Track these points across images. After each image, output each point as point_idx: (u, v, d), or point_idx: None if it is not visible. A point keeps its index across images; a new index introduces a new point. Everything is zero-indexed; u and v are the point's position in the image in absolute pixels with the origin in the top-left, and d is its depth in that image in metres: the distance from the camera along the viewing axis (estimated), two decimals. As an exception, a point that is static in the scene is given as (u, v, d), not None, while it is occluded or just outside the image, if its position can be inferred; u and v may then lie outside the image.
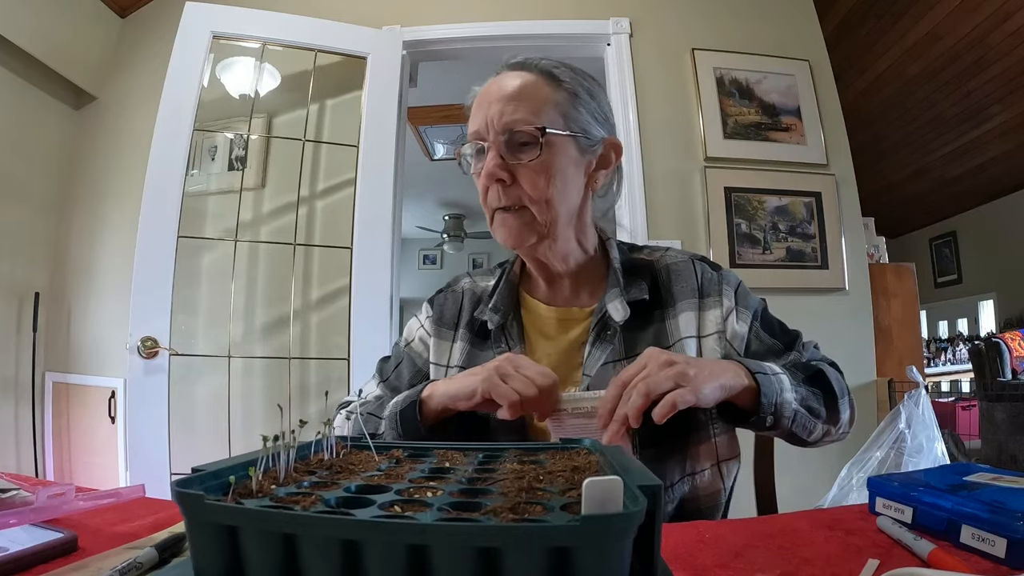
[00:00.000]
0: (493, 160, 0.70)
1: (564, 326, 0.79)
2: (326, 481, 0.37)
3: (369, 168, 1.93)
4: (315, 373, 1.95)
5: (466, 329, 0.82)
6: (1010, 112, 3.44)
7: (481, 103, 0.73)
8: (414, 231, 5.80)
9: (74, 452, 2.01)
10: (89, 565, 0.42)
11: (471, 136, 0.73)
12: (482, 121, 0.71)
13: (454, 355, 0.81)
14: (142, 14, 2.25)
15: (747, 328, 0.77)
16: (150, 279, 1.75)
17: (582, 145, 0.74)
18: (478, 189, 0.75)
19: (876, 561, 0.41)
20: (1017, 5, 2.48)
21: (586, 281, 0.81)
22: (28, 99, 2.02)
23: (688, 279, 0.78)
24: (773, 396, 0.64)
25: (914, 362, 1.99)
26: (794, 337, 0.80)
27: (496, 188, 0.71)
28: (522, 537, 0.25)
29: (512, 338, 0.78)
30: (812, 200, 2.04)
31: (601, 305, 0.76)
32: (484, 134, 0.71)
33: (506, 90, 0.71)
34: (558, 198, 0.72)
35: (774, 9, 2.21)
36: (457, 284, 0.89)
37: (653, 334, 0.75)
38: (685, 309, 0.76)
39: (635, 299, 0.75)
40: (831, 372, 0.73)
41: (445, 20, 2.14)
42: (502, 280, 0.82)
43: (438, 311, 0.86)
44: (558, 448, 0.48)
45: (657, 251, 0.84)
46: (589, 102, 0.75)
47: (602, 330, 0.74)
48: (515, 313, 0.80)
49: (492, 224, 0.75)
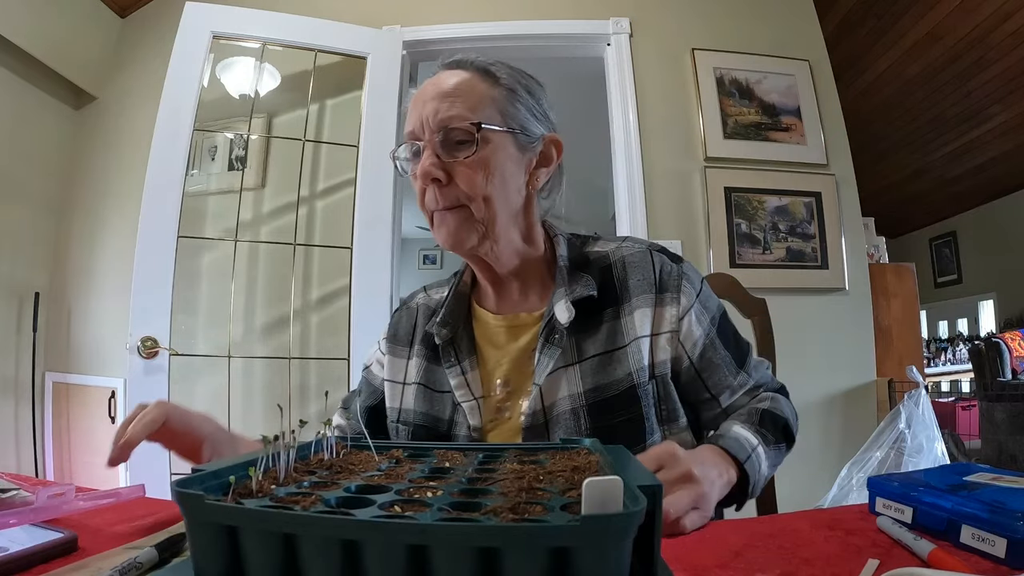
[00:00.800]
0: (428, 159, 0.67)
1: (513, 333, 0.75)
2: (326, 481, 0.37)
3: (369, 168, 1.93)
4: (315, 373, 1.95)
5: (421, 345, 0.80)
6: (1010, 112, 3.44)
7: (416, 103, 0.70)
8: (414, 231, 5.80)
9: (74, 452, 2.01)
10: (89, 565, 0.42)
11: (407, 136, 0.71)
12: (417, 121, 0.69)
13: (410, 373, 0.80)
14: (142, 14, 2.25)
15: (703, 333, 0.73)
16: (150, 279, 1.75)
17: (521, 142, 0.71)
18: (415, 191, 0.72)
19: (876, 561, 0.41)
20: (1017, 5, 2.48)
21: (534, 283, 0.77)
22: (28, 99, 2.02)
23: (645, 271, 0.73)
24: (755, 476, 0.64)
25: (914, 362, 1.99)
26: (746, 351, 0.77)
27: (432, 189, 0.68)
28: (522, 537, 0.25)
29: (462, 351, 0.75)
30: (812, 200, 2.04)
31: (549, 308, 0.72)
32: (419, 134, 0.69)
33: (441, 88, 0.69)
34: (497, 195, 0.69)
35: (774, 9, 2.21)
36: (412, 300, 0.87)
37: (606, 334, 0.71)
38: (641, 305, 0.71)
39: (580, 297, 0.70)
40: (789, 413, 0.74)
41: (445, 20, 2.14)
42: (450, 292, 0.80)
43: (393, 329, 0.85)
44: (558, 448, 0.48)
45: (613, 242, 0.78)
46: (527, 99, 0.73)
47: (550, 334, 0.70)
48: (465, 325, 0.77)
49: (432, 227, 0.72)
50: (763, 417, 0.71)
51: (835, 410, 1.93)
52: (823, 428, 1.91)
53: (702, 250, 1.99)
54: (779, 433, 0.71)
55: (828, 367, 1.94)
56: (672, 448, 0.57)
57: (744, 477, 0.63)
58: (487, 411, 0.73)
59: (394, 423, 0.80)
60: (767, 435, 0.69)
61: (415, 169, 0.69)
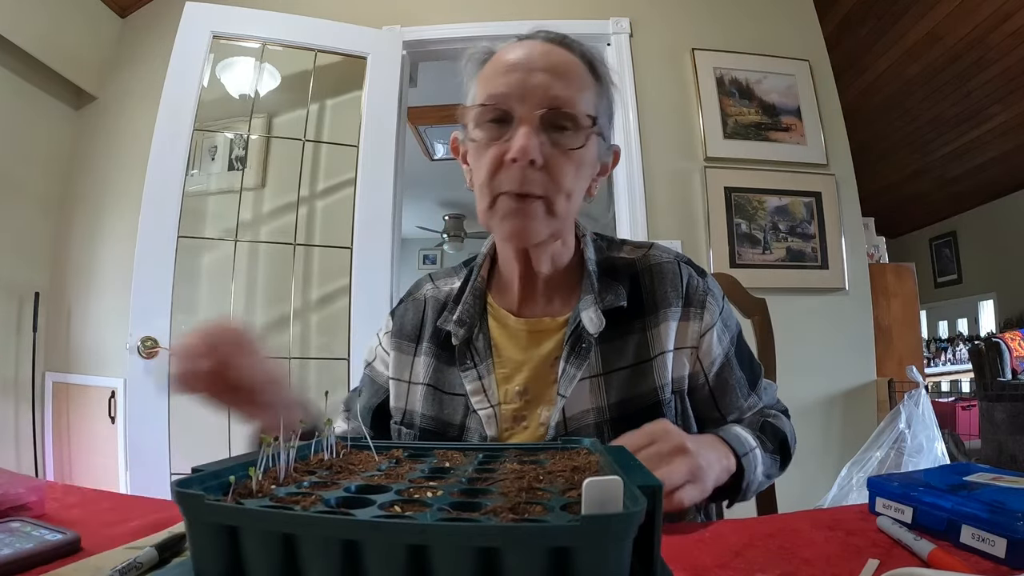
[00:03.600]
0: (530, 136, 0.59)
1: (536, 339, 0.70)
2: (326, 481, 0.37)
3: (369, 168, 1.93)
4: (315, 373, 1.95)
5: (430, 342, 0.74)
6: (1010, 112, 3.44)
7: (514, 66, 0.61)
8: (414, 231, 5.80)
9: (74, 452, 2.01)
10: (89, 565, 0.42)
11: (491, 99, 0.61)
12: (516, 87, 0.60)
13: (417, 371, 0.74)
14: (142, 14, 2.25)
15: (722, 352, 0.71)
16: (150, 279, 1.75)
17: (601, 147, 0.68)
18: (480, 163, 0.63)
19: (876, 561, 0.41)
20: (1017, 5, 2.48)
21: (560, 286, 0.72)
22: (28, 99, 2.02)
23: (673, 283, 0.69)
24: (750, 474, 0.63)
25: (914, 362, 1.99)
26: (759, 374, 0.76)
27: (521, 169, 0.59)
28: (522, 537, 0.25)
29: (478, 353, 0.70)
30: (812, 200, 2.04)
31: (575, 314, 0.68)
32: (512, 103, 0.60)
33: (552, 61, 0.61)
34: (577, 194, 0.64)
35: (774, 9, 2.21)
36: (419, 291, 0.80)
37: (633, 346, 0.67)
38: (667, 318, 0.68)
39: (611, 307, 0.67)
40: (789, 430, 0.73)
41: (445, 20, 2.14)
42: (467, 287, 0.73)
43: (398, 323, 0.78)
44: (558, 448, 0.48)
45: (640, 248, 0.74)
46: (613, 104, 0.69)
47: (576, 342, 0.66)
48: (482, 324, 0.72)
49: (494, 210, 0.63)
50: (764, 426, 0.71)
51: (835, 410, 1.93)
52: (823, 428, 1.91)
53: (702, 250, 1.99)
54: (776, 444, 0.70)
55: (828, 367, 1.94)
56: (665, 424, 0.56)
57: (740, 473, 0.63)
58: (502, 419, 0.69)
59: (397, 424, 0.75)
60: (765, 442, 0.69)
61: (492, 136, 0.61)
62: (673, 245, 1.96)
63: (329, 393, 0.58)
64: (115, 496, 0.65)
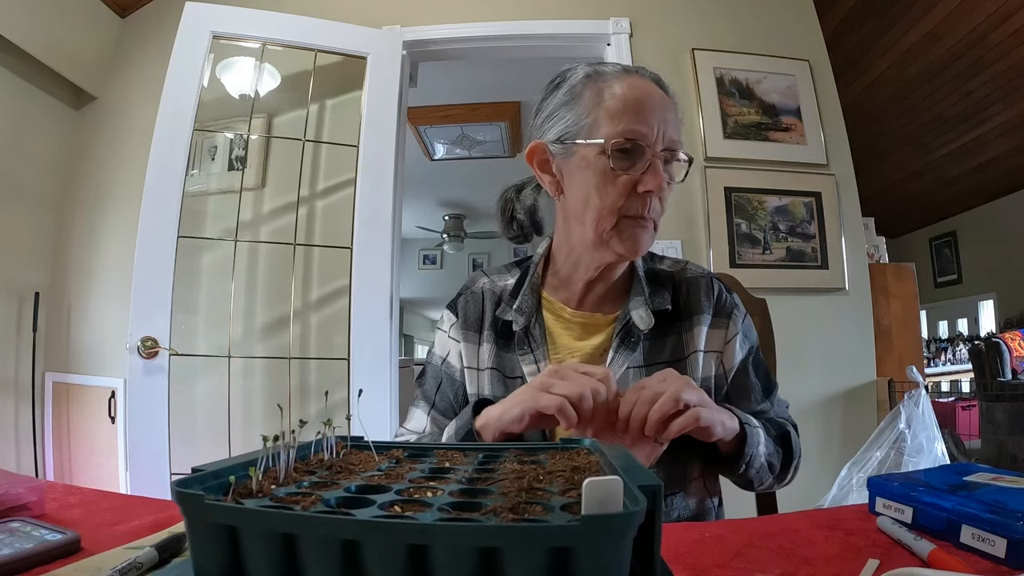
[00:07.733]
0: (661, 173, 0.71)
1: (588, 331, 0.79)
2: (326, 481, 0.37)
3: (369, 168, 1.93)
4: (315, 373, 1.95)
5: (490, 330, 0.82)
6: (1010, 112, 3.44)
7: (648, 107, 0.71)
8: (414, 231, 5.80)
9: (74, 452, 2.01)
10: (89, 565, 0.42)
11: (631, 134, 0.70)
12: (654, 127, 0.70)
13: (483, 357, 0.81)
14: (142, 14, 2.25)
15: (741, 358, 0.80)
16: (150, 279, 1.75)
17: None
18: (606, 188, 0.71)
19: (876, 561, 0.41)
20: (1017, 5, 2.48)
21: (616, 289, 0.82)
22: (28, 99, 2.02)
23: (708, 294, 0.80)
24: (752, 447, 0.69)
25: (914, 362, 1.99)
26: (773, 386, 0.84)
27: (650, 199, 0.71)
28: (522, 537, 0.25)
29: (535, 339, 0.78)
30: (812, 200, 2.04)
31: (625, 312, 0.78)
32: (650, 140, 0.70)
33: (666, 104, 0.73)
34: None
35: (774, 9, 2.21)
36: (475, 284, 0.88)
37: (672, 345, 0.77)
38: (700, 324, 0.78)
39: (659, 308, 0.77)
40: (795, 436, 0.78)
41: (445, 20, 2.14)
42: (524, 282, 0.82)
43: (463, 315, 0.85)
44: (558, 448, 0.48)
45: (678, 264, 0.86)
46: None
47: (626, 336, 0.76)
48: (537, 315, 0.81)
49: (617, 229, 0.72)
50: (769, 420, 0.78)
51: (835, 410, 1.93)
52: (823, 428, 1.91)
53: (702, 250, 1.99)
54: (777, 434, 0.76)
55: (828, 367, 1.94)
56: (673, 371, 0.64)
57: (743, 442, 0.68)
58: None
59: None
60: (768, 429, 0.75)
61: (626, 166, 0.70)
62: (673, 245, 1.98)
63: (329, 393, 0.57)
64: (115, 496, 0.65)
